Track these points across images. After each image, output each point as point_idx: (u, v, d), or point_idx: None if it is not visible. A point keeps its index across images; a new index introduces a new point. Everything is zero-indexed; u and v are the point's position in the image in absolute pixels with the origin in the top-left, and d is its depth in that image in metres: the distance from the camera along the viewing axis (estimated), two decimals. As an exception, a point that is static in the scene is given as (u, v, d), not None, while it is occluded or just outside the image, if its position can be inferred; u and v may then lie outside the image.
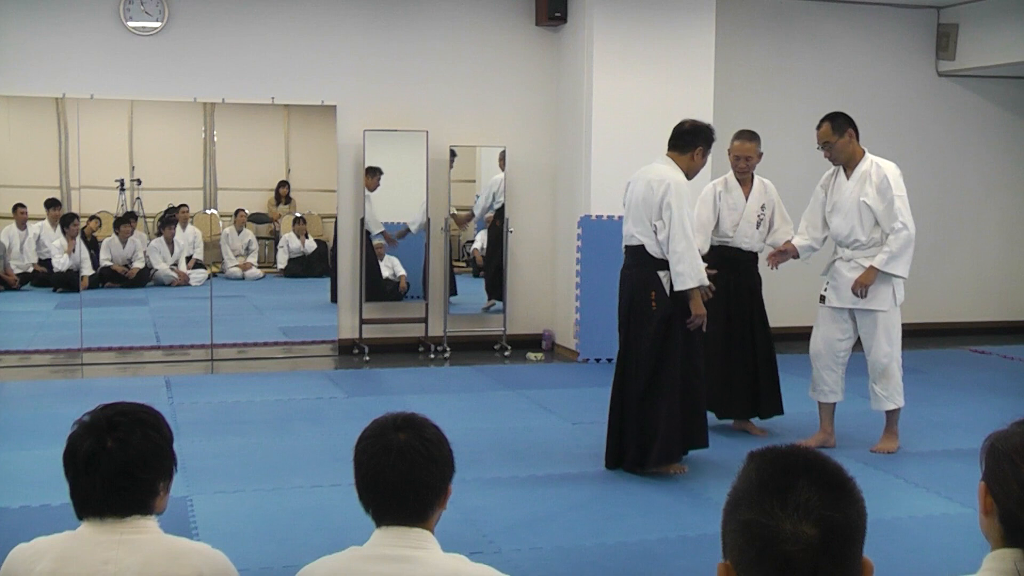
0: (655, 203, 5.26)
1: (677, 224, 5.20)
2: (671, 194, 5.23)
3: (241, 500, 4.93)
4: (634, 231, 5.36)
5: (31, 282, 9.02)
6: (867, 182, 5.77)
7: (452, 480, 2.15)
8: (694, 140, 5.42)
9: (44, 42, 8.17)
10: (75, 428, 2.15)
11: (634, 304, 5.35)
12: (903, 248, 5.70)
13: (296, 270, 9.81)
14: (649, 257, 5.30)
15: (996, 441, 1.80)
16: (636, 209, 5.35)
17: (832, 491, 1.42)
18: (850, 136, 5.83)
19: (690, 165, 5.41)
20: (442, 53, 8.98)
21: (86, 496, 2.11)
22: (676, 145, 5.45)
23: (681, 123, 5.53)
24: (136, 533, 2.11)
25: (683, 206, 5.24)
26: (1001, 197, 10.73)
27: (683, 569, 4.21)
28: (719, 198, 6.32)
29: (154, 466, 2.15)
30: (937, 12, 10.19)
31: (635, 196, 5.38)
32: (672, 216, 5.21)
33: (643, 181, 5.39)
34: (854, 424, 6.48)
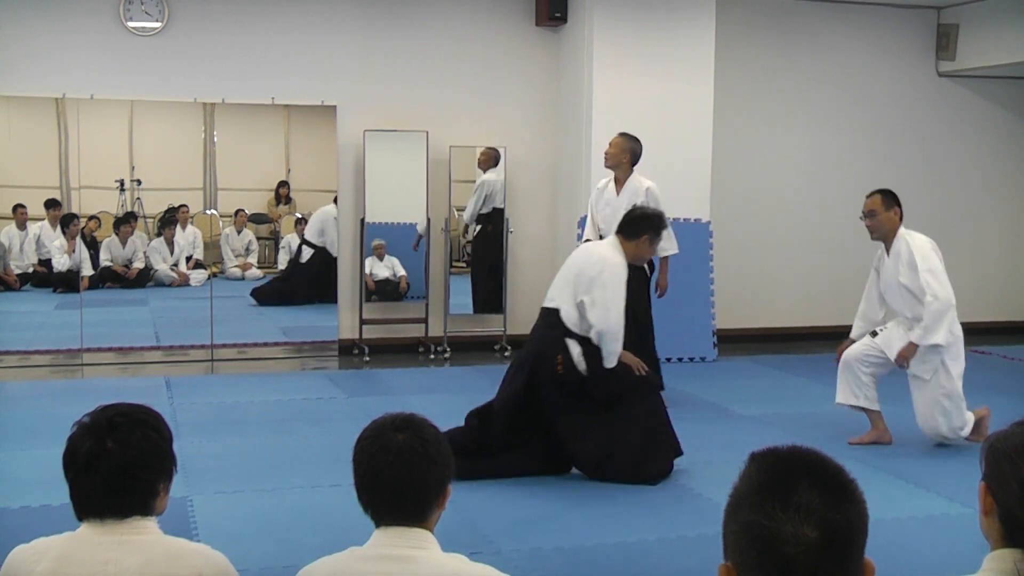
0: (587, 279, 5.27)
1: (611, 305, 5.21)
2: (606, 274, 5.24)
3: (241, 500, 4.93)
4: (555, 295, 5.39)
5: (31, 282, 9.02)
6: (899, 260, 5.85)
7: (451, 480, 2.15)
8: (640, 228, 5.41)
9: (44, 42, 8.17)
10: (75, 429, 2.15)
11: (539, 362, 5.30)
12: (936, 319, 5.73)
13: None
14: (561, 323, 5.30)
15: (996, 441, 1.80)
16: (566, 276, 5.39)
17: (833, 493, 1.42)
18: (895, 213, 5.91)
19: (635, 252, 5.41)
20: (442, 53, 8.98)
21: (86, 497, 2.12)
22: (624, 231, 5.45)
23: (632, 210, 5.62)
24: (136, 534, 2.11)
25: (617, 289, 5.26)
26: (1001, 197, 10.73)
27: (683, 569, 4.21)
28: (598, 195, 6.95)
29: (154, 467, 2.15)
30: (937, 12, 10.19)
31: (571, 265, 5.44)
32: (607, 297, 5.21)
33: (584, 254, 5.47)
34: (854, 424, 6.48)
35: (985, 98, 10.54)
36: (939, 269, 5.78)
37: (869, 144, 10.19)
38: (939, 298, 5.71)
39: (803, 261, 10.06)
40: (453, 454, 2.18)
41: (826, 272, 10.09)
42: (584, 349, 5.28)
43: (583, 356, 5.26)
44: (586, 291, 5.25)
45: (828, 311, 10.12)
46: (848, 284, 10.16)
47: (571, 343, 5.28)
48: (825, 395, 7.52)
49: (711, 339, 8.87)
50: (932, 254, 5.82)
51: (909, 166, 10.34)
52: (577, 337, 5.29)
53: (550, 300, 5.43)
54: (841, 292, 10.16)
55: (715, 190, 8.98)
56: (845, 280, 10.16)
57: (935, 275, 5.75)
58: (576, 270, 5.36)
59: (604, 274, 5.25)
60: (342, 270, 9.00)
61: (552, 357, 5.27)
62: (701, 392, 7.54)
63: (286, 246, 9.74)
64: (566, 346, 5.28)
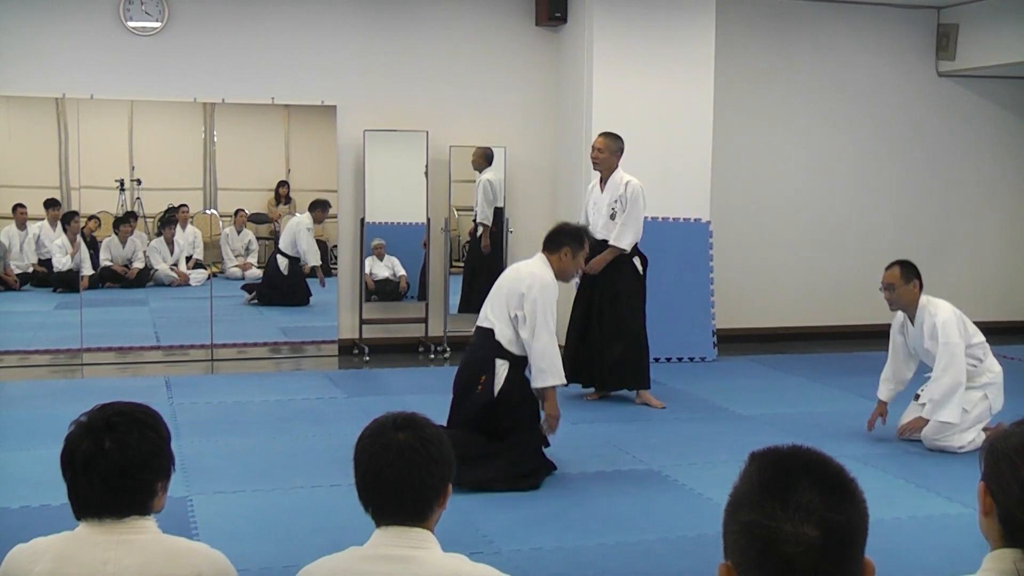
0: (517, 294, 5.26)
1: (541, 321, 5.20)
2: (536, 290, 5.22)
3: (241, 500, 4.93)
4: (489, 314, 5.34)
5: (31, 282, 9.01)
6: (923, 332, 5.87)
7: (452, 480, 2.15)
8: (560, 241, 5.42)
9: (44, 42, 8.17)
10: (72, 428, 2.14)
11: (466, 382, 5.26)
12: (946, 395, 5.76)
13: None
14: (494, 343, 5.25)
15: (995, 441, 1.80)
16: (498, 295, 5.36)
17: (834, 492, 1.42)
18: (914, 285, 5.91)
19: (559, 266, 5.40)
20: (442, 53, 8.98)
21: (84, 497, 2.11)
22: (546, 245, 5.47)
23: (556, 225, 5.66)
24: (135, 533, 2.11)
25: (547, 305, 5.24)
26: (1001, 197, 10.73)
27: (683, 569, 4.21)
28: (589, 193, 7.19)
29: (152, 466, 2.14)
30: (937, 12, 10.19)
31: (501, 282, 5.42)
32: (536, 312, 5.20)
33: (514, 271, 5.46)
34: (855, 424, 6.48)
35: (985, 98, 10.54)
36: (958, 344, 5.76)
37: (869, 144, 10.19)
38: (949, 373, 5.72)
39: (803, 261, 10.06)
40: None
41: (826, 272, 10.10)
42: (511, 373, 5.21)
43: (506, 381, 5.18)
44: (518, 306, 5.23)
45: (828, 311, 10.14)
46: (848, 284, 10.19)
47: (499, 364, 5.21)
48: (825, 395, 7.54)
49: (711, 339, 8.87)
50: (955, 330, 5.79)
51: (909, 166, 10.34)
52: (510, 357, 5.23)
53: (484, 319, 5.38)
54: (841, 292, 10.19)
55: (715, 190, 8.98)
56: (845, 280, 10.18)
57: (952, 351, 5.73)
58: (507, 287, 5.33)
59: (534, 289, 5.22)
60: (342, 270, 9.01)
61: (476, 377, 5.22)
62: (701, 392, 7.54)
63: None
64: (493, 367, 5.21)
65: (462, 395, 5.31)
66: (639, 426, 6.54)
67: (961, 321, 5.86)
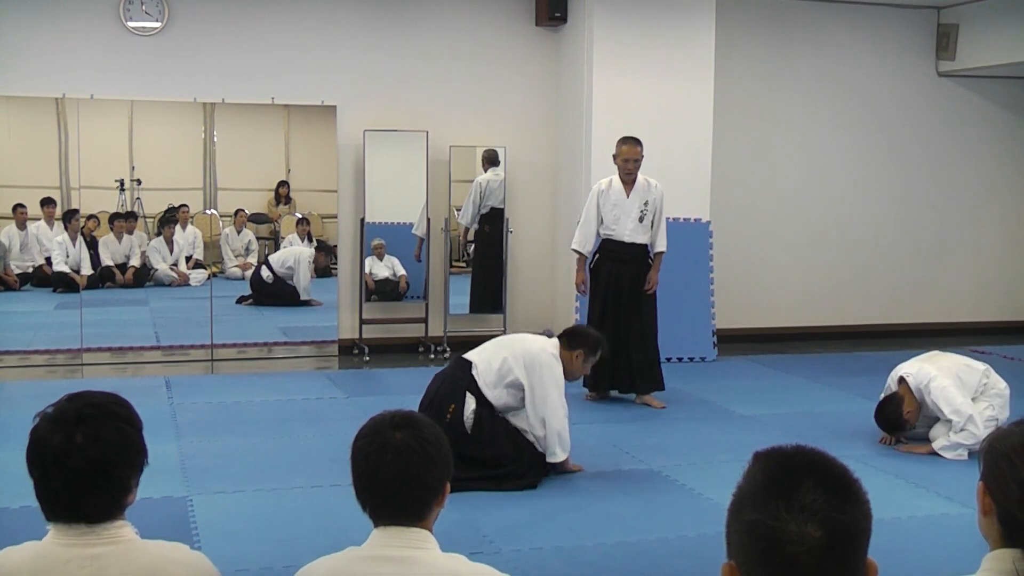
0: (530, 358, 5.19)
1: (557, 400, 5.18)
2: (546, 368, 5.18)
3: (241, 500, 4.93)
4: (482, 353, 5.28)
5: (31, 282, 9.01)
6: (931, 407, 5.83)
7: (450, 479, 2.13)
8: (579, 342, 5.39)
9: (44, 42, 8.17)
10: (39, 421, 2.00)
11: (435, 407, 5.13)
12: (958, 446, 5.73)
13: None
14: (470, 377, 5.19)
15: (994, 441, 1.80)
16: (500, 342, 5.38)
17: (838, 493, 1.42)
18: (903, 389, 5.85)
19: (570, 366, 5.35)
20: (442, 53, 8.98)
21: (55, 496, 1.97)
22: (565, 340, 5.43)
23: (576, 325, 5.81)
24: (109, 543, 1.98)
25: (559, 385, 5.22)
26: (1001, 197, 10.73)
27: (683, 569, 4.21)
28: (601, 196, 7.05)
29: (129, 462, 2.00)
30: (937, 12, 10.19)
31: (511, 339, 5.45)
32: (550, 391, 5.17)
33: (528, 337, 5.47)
34: (854, 424, 6.48)
35: (985, 98, 10.54)
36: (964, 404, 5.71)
37: (869, 144, 10.19)
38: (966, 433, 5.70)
39: (803, 261, 10.06)
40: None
41: (826, 272, 10.10)
42: (478, 408, 5.15)
43: (474, 415, 5.13)
44: (527, 373, 5.17)
45: (828, 311, 10.14)
46: (848, 284, 10.20)
47: (469, 397, 5.16)
48: (825, 395, 7.54)
49: (711, 339, 8.87)
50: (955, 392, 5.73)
51: (909, 166, 10.34)
52: (479, 397, 5.17)
53: (472, 354, 5.32)
54: (841, 292, 10.19)
55: (715, 190, 8.98)
56: (845, 280, 10.18)
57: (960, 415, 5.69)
58: (518, 345, 5.30)
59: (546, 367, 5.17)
60: (342, 270, 9.01)
61: (446, 404, 5.14)
62: (701, 392, 7.54)
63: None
64: (463, 398, 5.15)
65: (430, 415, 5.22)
66: (639, 426, 6.54)
67: (957, 379, 5.78)
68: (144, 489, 2.15)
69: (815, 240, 10.05)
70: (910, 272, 10.40)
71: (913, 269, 10.42)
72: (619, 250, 7.01)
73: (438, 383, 5.30)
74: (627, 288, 7.00)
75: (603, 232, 7.06)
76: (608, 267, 7.02)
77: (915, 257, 10.44)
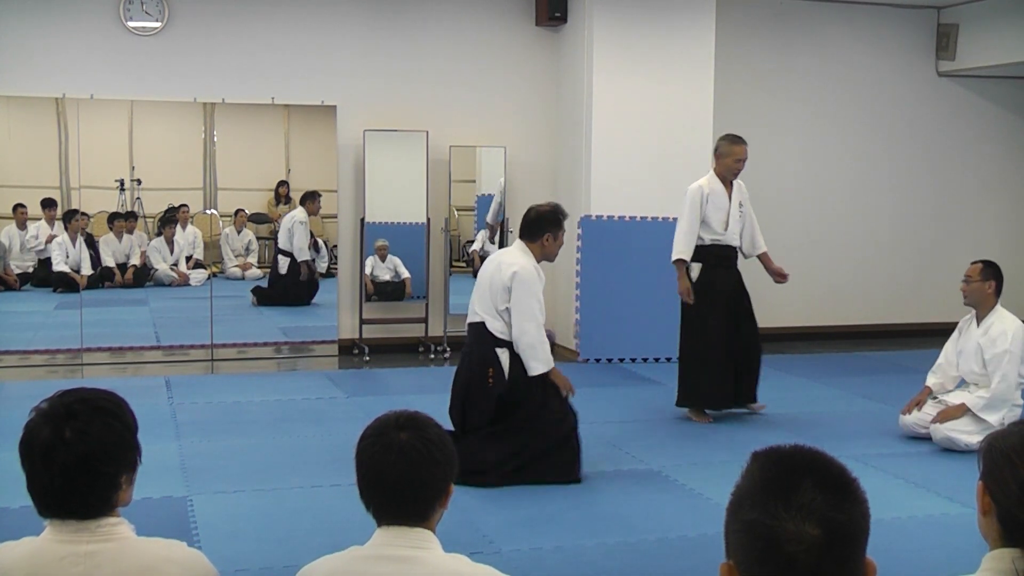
0: (500, 286, 5.26)
1: (527, 313, 5.21)
2: (516, 280, 5.22)
3: (241, 500, 4.92)
4: (477, 308, 5.38)
5: (31, 282, 9.02)
6: (987, 331, 5.89)
7: (454, 480, 2.13)
8: (539, 229, 5.37)
9: (44, 42, 8.17)
10: (32, 416, 2.01)
11: (472, 381, 5.29)
12: (998, 400, 5.79)
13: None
14: (489, 335, 5.29)
15: (994, 441, 1.80)
16: (481, 288, 5.38)
17: (836, 492, 1.42)
18: (991, 287, 5.93)
19: (542, 252, 5.38)
20: (442, 53, 8.98)
21: (44, 491, 1.98)
22: (524, 234, 5.43)
23: (528, 211, 5.49)
24: (103, 540, 1.98)
25: (532, 295, 5.23)
26: (1001, 197, 10.73)
27: (683, 569, 4.21)
28: (706, 199, 6.53)
29: (116, 458, 1.99)
30: (937, 12, 10.19)
31: (483, 276, 5.42)
32: (521, 304, 5.21)
33: (495, 262, 5.43)
34: (855, 424, 6.48)
35: (985, 98, 10.54)
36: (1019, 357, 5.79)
37: (869, 144, 10.19)
38: (1010, 385, 5.76)
39: (803, 261, 10.04)
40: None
41: (826, 272, 10.09)
42: (512, 358, 5.27)
43: (511, 367, 5.25)
44: (505, 300, 5.25)
45: (828, 311, 10.13)
46: (848, 284, 10.20)
47: (500, 352, 5.27)
48: (825, 395, 7.54)
49: (711, 339, 8.85)
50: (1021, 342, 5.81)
51: (909, 166, 10.34)
52: (508, 345, 5.28)
53: (473, 315, 5.41)
54: (841, 292, 10.19)
55: (715, 190, 8.96)
56: (845, 280, 10.18)
57: (1013, 362, 5.77)
58: (489, 280, 5.33)
59: (516, 279, 5.23)
60: (342, 270, 9.01)
61: (483, 372, 5.25)
62: (701, 392, 7.53)
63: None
64: (496, 357, 5.26)
65: (474, 393, 5.30)
66: (639, 426, 6.54)
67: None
68: (144, 489, 2.15)
69: (815, 240, 10.05)
70: (910, 272, 10.39)
71: (913, 269, 10.42)
72: (730, 256, 6.65)
73: (466, 358, 5.41)
74: (736, 295, 6.65)
75: (708, 237, 6.59)
76: (722, 275, 6.60)
77: (915, 257, 10.44)
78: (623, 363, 8.58)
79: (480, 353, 5.32)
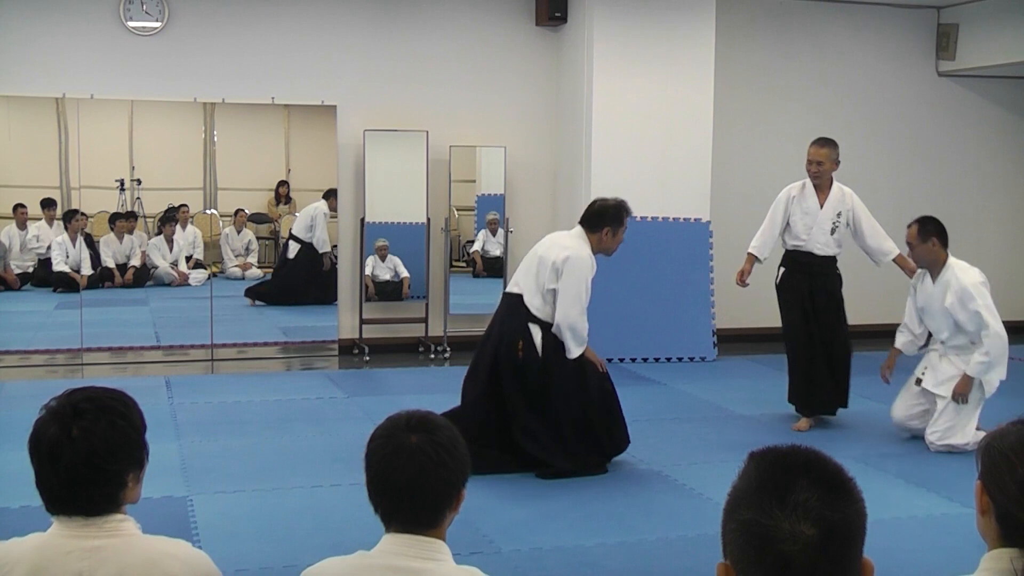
0: (550, 265, 5.29)
1: (574, 297, 5.26)
2: (568, 264, 5.27)
3: (241, 500, 4.93)
4: (520, 280, 5.43)
5: (31, 282, 9.02)
6: (949, 290, 5.84)
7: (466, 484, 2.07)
8: (601, 221, 5.41)
9: (44, 42, 8.17)
10: (42, 414, 2.05)
11: (501, 350, 5.37)
12: (1000, 356, 5.77)
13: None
14: (525, 308, 5.34)
15: (992, 440, 1.79)
16: (530, 263, 5.42)
17: (832, 491, 1.42)
18: (934, 243, 5.90)
19: (599, 245, 5.42)
20: (442, 53, 8.98)
21: (50, 488, 2.01)
22: (585, 222, 5.46)
23: (593, 202, 5.54)
24: (109, 536, 2.00)
25: (580, 279, 5.29)
26: (1001, 197, 10.73)
27: (683, 569, 4.21)
28: (792, 202, 6.43)
29: (121, 456, 2.01)
30: (937, 12, 10.19)
31: (535, 250, 5.46)
32: (570, 289, 5.26)
33: (550, 241, 5.49)
34: (854, 424, 6.48)
35: (985, 98, 10.54)
36: (992, 304, 5.79)
37: (869, 144, 10.19)
38: (1001, 335, 5.75)
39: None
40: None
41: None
42: (545, 335, 5.32)
43: (543, 341, 5.32)
44: (552, 280, 5.29)
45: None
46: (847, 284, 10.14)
47: (533, 328, 5.33)
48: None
49: (711, 339, 8.87)
50: (985, 290, 5.82)
51: (909, 166, 10.34)
52: (540, 323, 5.34)
53: (514, 285, 5.46)
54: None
55: (715, 190, 8.97)
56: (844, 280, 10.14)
57: (992, 313, 5.76)
58: (539, 257, 5.38)
59: (569, 263, 5.27)
60: (342, 270, 9.01)
61: (514, 343, 5.31)
62: (701, 392, 7.54)
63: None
64: (528, 331, 5.32)
65: (505, 362, 5.33)
66: (639, 426, 6.53)
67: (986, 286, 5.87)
68: (144, 489, 2.15)
69: (815, 240, 10.03)
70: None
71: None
72: (810, 263, 6.44)
73: (498, 325, 5.46)
74: (824, 303, 6.46)
75: (790, 242, 6.51)
76: (799, 281, 6.48)
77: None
78: (623, 363, 8.58)
79: (512, 325, 5.36)
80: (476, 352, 5.60)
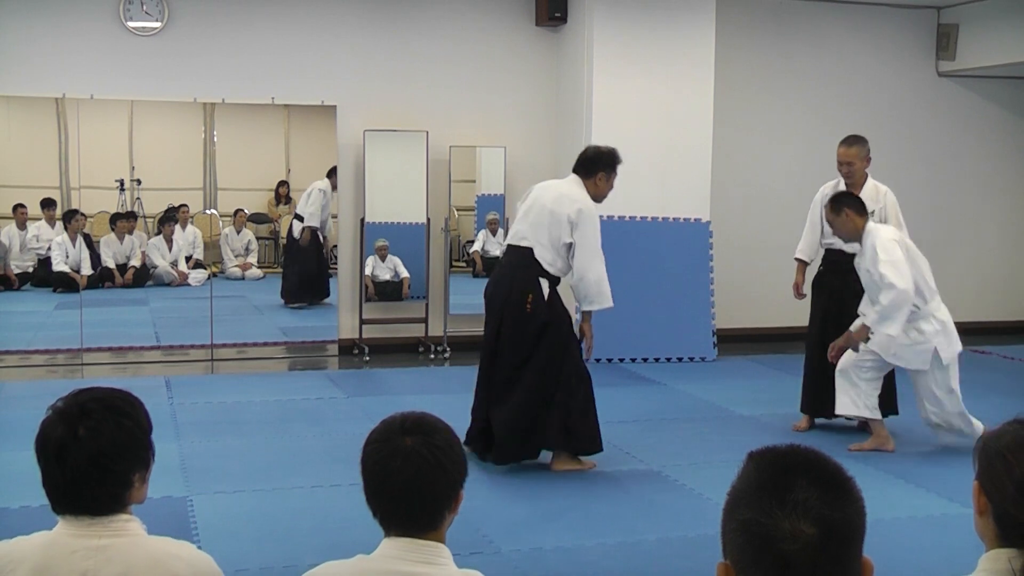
0: (564, 218, 5.27)
1: (593, 247, 5.28)
2: (584, 217, 5.27)
3: (241, 500, 4.93)
4: (528, 234, 5.36)
5: (31, 282, 9.02)
6: (865, 255, 5.75)
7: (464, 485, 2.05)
8: (595, 166, 5.41)
9: (44, 42, 8.17)
10: (48, 414, 2.06)
11: (509, 303, 5.33)
12: (893, 307, 5.59)
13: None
14: (534, 261, 5.31)
15: (989, 440, 1.79)
16: (538, 215, 5.35)
17: (831, 491, 1.42)
18: (847, 215, 5.77)
19: (595, 190, 5.42)
20: (442, 53, 8.98)
21: (57, 487, 2.02)
22: (579, 170, 5.45)
23: (586, 149, 5.56)
24: (114, 535, 2.01)
25: (596, 230, 5.30)
26: (1001, 197, 10.73)
27: (683, 569, 4.21)
28: (825, 201, 6.27)
29: (127, 456, 2.03)
30: (937, 12, 10.19)
31: (540, 202, 5.39)
32: (587, 240, 5.26)
33: (553, 191, 5.44)
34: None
35: (985, 98, 10.54)
36: (900, 260, 5.63)
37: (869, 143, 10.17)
38: (896, 285, 5.56)
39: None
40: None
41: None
42: (551, 292, 5.32)
43: (549, 299, 5.31)
44: (567, 234, 5.26)
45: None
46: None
47: (543, 282, 5.31)
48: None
49: (711, 339, 8.87)
50: (893, 244, 5.67)
51: (909, 166, 10.33)
52: (549, 277, 5.33)
53: (520, 238, 5.39)
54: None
55: (715, 190, 8.98)
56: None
57: (895, 266, 5.62)
58: (550, 210, 5.32)
59: (582, 215, 5.26)
60: (342, 270, 9.01)
61: (524, 294, 5.28)
62: (701, 392, 7.54)
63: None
64: (539, 284, 5.29)
65: (509, 316, 5.31)
66: (639, 426, 6.54)
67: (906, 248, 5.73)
68: (145, 489, 2.15)
69: (815, 240, 10.04)
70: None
71: (913, 269, 10.40)
72: (841, 261, 6.29)
73: (503, 277, 5.42)
74: (851, 303, 6.18)
75: (824, 241, 6.49)
76: (830, 281, 6.43)
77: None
78: (623, 363, 8.59)
79: (520, 278, 5.32)
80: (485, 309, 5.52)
